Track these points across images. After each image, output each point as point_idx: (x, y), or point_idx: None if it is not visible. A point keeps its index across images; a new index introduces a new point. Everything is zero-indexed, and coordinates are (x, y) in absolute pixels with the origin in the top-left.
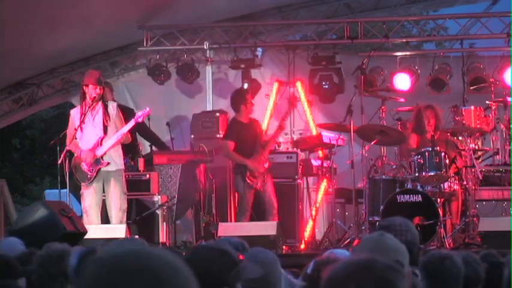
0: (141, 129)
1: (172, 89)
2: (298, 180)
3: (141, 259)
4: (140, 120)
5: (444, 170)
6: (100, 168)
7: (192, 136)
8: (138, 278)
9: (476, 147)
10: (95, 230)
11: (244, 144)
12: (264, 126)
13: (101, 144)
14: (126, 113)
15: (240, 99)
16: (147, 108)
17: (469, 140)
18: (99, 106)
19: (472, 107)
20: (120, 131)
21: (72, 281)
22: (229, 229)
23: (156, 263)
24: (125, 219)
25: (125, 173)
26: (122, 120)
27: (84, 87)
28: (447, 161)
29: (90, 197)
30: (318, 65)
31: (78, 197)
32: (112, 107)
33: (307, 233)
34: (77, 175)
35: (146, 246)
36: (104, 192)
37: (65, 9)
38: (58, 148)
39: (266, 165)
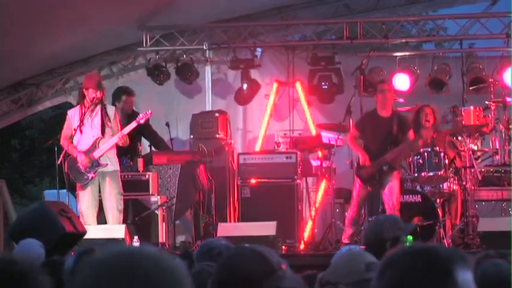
0: (145, 130)
1: (172, 89)
2: (298, 181)
3: (133, 260)
4: (142, 122)
5: (443, 170)
6: (97, 169)
7: (192, 136)
8: (129, 279)
9: (476, 147)
10: (94, 231)
11: (370, 136)
12: (263, 127)
13: (98, 146)
14: (133, 116)
15: (375, 89)
16: (149, 111)
17: (468, 140)
18: (98, 108)
19: (472, 107)
20: (121, 132)
21: (68, 283)
22: (229, 229)
23: (148, 263)
24: (120, 219)
25: (124, 173)
26: (119, 126)
27: (83, 90)
28: (446, 161)
29: (86, 199)
30: (317, 65)
31: (76, 196)
32: (111, 111)
33: (306, 234)
34: (73, 175)
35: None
36: (99, 193)
37: (65, 10)
38: (56, 148)
39: (385, 168)
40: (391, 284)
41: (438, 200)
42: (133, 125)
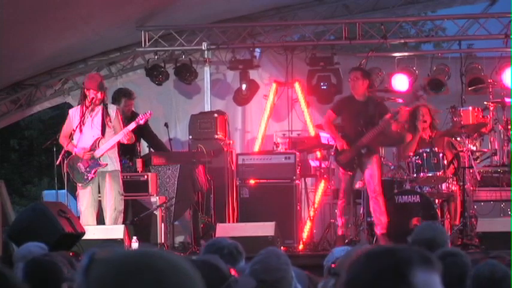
0: (144, 131)
1: (170, 89)
2: (296, 181)
3: (146, 260)
4: (142, 122)
5: (442, 170)
6: (97, 170)
7: (190, 137)
8: (143, 279)
9: (475, 148)
10: (93, 231)
11: (347, 120)
12: (262, 128)
13: (98, 146)
14: (133, 116)
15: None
16: (149, 111)
17: (467, 141)
18: (99, 108)
19: (470, 108)
20: (122, 131)
21: (80, 282)
22: (228, 230)
23: (161, 263)
24: (121, 220)
25: (123, 174)
26: (121, 124)
27: (85, 90)
28: (445, 162)
29: (86, 198)
30: (316, 65)
31: (76, 196)
32: (112, 110)
33: (305, 234)
34: (73, 175)
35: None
36: (99, 193)
37: (64, 10)
38: (55, 149)
39: (363, 151)
40: (347, 284)
41: (437, 201)
42: (132, 125)
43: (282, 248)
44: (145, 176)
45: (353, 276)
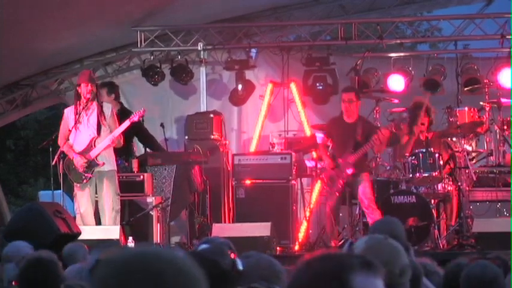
0: (139, 132)
1: (166, 90)
2: (292, 181)
3: (148, 259)
4: (136, 119)
5: (438, 171)
6: (95, 169)
7: (186, 137)
8: (145, 278)
9: (470, 148)
10: (89, 231)
11: (337, 142)
12: (258, 128)
13: (94, 146)
14: (126, 115)
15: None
16: (142, 108)
17: (463, 141)
18: (94, 106)
19: (466, 108)
20: (115, 131)
21: (87, 282)
22: (224, 230)
23: (164, 263)
24: (118, 220)
25: (118, 174)
26: (116, 122)
27: (77, 87)
28: (441, 162)
29: (84, 199)
30: (312, 66)
31: (72, 197)
32: (107, 109)
33: (301, 234)
34: (71, 175)
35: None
36: (96, 193)
37: (60, 11)
38: (51, 149)
39: (350, 171)
40: None
41: (433, 201)
42: (126, 124)
43: (278, 248)
44: (141, 177)
45: (293, 281)
